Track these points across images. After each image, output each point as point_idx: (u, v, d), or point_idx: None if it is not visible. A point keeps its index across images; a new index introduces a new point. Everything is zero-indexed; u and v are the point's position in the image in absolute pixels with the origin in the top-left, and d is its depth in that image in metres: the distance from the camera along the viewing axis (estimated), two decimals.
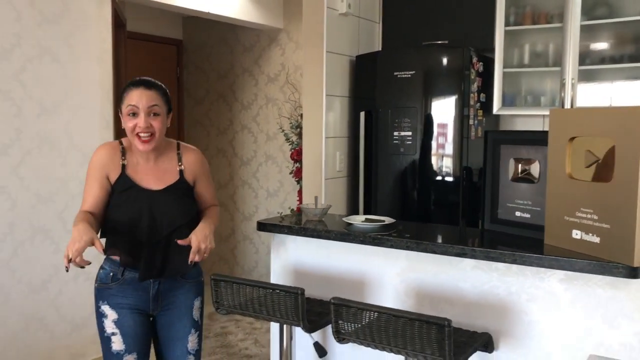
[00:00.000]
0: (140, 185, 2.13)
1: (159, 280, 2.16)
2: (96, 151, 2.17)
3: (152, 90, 2.13)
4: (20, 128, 3.25)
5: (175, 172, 2.21)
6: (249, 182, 5.42)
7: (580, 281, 1.99)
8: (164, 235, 2.11)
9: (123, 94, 2.14)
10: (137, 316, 2.16)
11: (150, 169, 2.18)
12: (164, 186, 2.16)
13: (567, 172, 2.01)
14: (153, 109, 2.11)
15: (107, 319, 2.14)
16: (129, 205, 2.11)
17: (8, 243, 3.23)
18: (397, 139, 3.68)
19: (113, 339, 2.14)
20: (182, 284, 2.22)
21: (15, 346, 3.28)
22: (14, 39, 3.19)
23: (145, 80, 2.16)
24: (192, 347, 2.24)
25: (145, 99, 2.10)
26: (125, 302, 2.14)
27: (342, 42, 3.79)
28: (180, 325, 2.22)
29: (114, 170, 2.13)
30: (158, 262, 2.11)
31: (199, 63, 5.65)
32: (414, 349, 1.84)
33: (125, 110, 2.10)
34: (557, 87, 3.51)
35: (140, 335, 2.17)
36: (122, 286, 2.14)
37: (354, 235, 2.34)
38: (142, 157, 2.17)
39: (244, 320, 4.58)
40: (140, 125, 2.08)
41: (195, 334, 2.25)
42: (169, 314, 2.22)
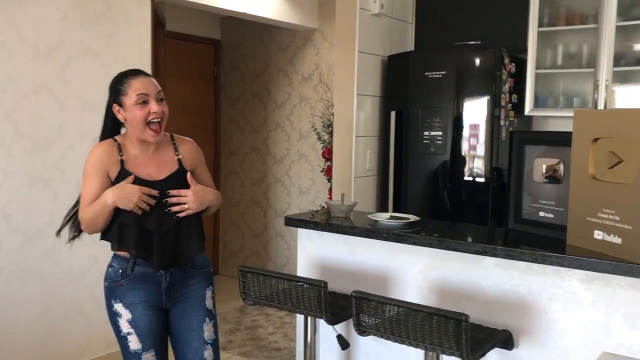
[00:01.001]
0: (142, 177, 2.13)
1: (170, 272, 2.17)
2: (92, 151, 2.16)
3: (151, 77, 2.17)
4: (63, 123, 3.40)
5: (174, 162, 2.22)
6: (281, 179, 5.51)
7: (601, 281, 2.00)
8: (172, 223, 2.13)
9: (121, 86, 2.11)
10: (151, 312, 2.17)
11: (149, 161, 2.18)
12: (164, 176, 2.17)
13: (590, 172, 2.02)
14: (160, 94, 2.15)
15: (122, 318, 2.16)
16: None
17: (50, 233, 3.38)
18: (427, 139, 3.70)
19: (130, 339, 2.16)
20: (193, 274, 2.24)
21: (55, 332, 3.43)
22: (58, 38, 3.34)
23: (138, 69, 2.18)
24: (208, 337, 2.24)
25: (152, 85, 2.13)
26: (138, 298, 2.15)
27: (374, 43, 3.84)
28: (193, 314, 2.22)
29: (113, 167, 2.13)
30: (170, 250, 2.13)
31: (235, 62, 5.77)
32: (432, 342, 1.88)
33: (135, 99, 2.09)
34: (591, 89, 3.49)
35: (156, 331, 2.19)
36: (133, 282, 2.15)
37: (378, 232, 2.39)
38: (140, 150, 2.17)
39: (274, 315, 4.67)
40: (155, 110, 2.09)
41: (211, 323, 2.26)
42: (182, 306, 2.22)
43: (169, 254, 2.14)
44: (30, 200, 3.28)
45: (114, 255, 2.20)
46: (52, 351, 3.41)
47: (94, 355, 3.62)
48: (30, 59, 3.23)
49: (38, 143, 3.30)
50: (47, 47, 3.30)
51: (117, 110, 2.14)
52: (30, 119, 3.26)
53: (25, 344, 3.29)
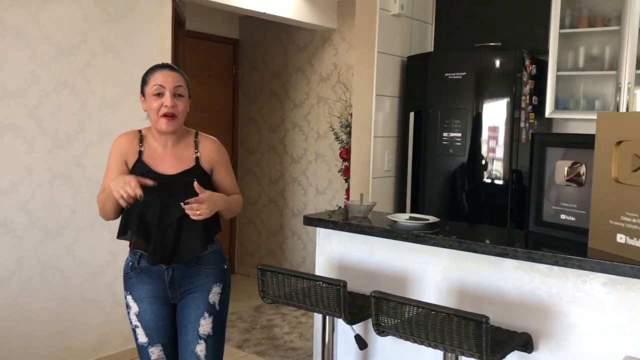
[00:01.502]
0: (156, 170, 2.16)
1: (172, 267, 2.17)
2: (116, 139, 2.24)
3: (176, 72, 2.20)
4: (83, 121, 3.44)
5: (191, 159, 2.22)
6: (298, 179, 5.52)
7: (623, 285, 1.98)
8: (175, 218, 2.12)
9: (146, 77, 2.20)
10: (157, 307, 2.20)
11: (167, 155, 2.21)
12: (178, 171, 2.19)
13: (613, 176, 2.00)
14: (178, 89, 2.17)
15: (131, 310, 2.22)
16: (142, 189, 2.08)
17: (70, 229, 3.42)
18: (446, 140, 3.69)
19: (137, 332, 2.22)
20: (199, 270, 2.22)
21: (74, 327, 3.47)
22: (80, 36, 3.38)
23: (169, 64, 2.24)
24: (203, 332, 2.19)
25: (171, 79, 2.16)
26: (144, 291, 2.19)
27: (394, 43, 3.83)
28: (193, 307, 2.20)
29: (131, 156, 2.19)
30: (169, 245, 2.12)
31: (254, 62, 5.79)
32: (451, 344, 1.88)
33: (151, 90, 2.15)
34: (613, 92, 3.46)
35: (162, 326, 2.21)
36: (140, 275, 2.19)
37: (397, 232, 2.39)
38: (160, 143, 2.21)
39: (290, 314, 4.68)
40: (167, 103, 2.12)
41: (210, 319, 2.21)
42: (185, 299, 2.22)
43: (168, 250, 2.13)
44: (51, 197, 3.32)
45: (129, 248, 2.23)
46: (70, 346, 3.45)
47: (112, 351, 3.66)
48: (53, 57, 3.27)
49: (59, 140, 3.34)
50: (70, 45, 3.34)
51: (142, 100, 2.22)
52: (52, 116, 3.29)
53: (44, 339, 3.33)
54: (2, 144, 3.12)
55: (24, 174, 3.21)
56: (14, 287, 3.21)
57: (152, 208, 2.11)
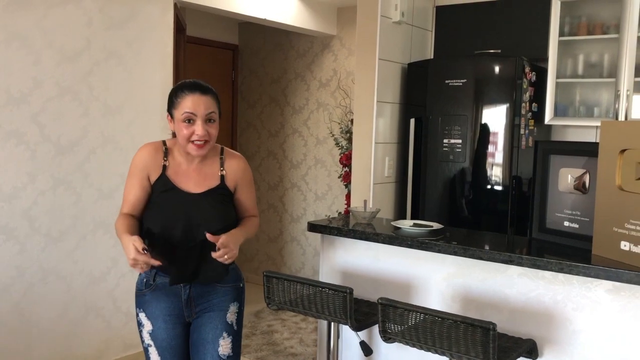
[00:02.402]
0: (180, 187, 2.09)
1: (189, 285, 2.11)
2: (139, 150, 2.14)
3: (208, 95, 2.06)
4: (86, 127, 3.44)
5: (217, 177, 2.15)
6: (298, 184, 5.53)
7: (627, 292, 2.00)
8: (199, 240, 2.04)
9: (175, 98, 2.06)
10: (171, 327, 2.13)
11: (191, 172, 2.13)
12: (203, 190, 2.11)
13: (617, 183, 2.02)
14: (210, 115, 2.06)
15: (144, 328, 2.15)
16: (165, 207, 2.08)
17: (72, 235, 3.42)
18: (446, 147, 3.71)
19: (150, 350, 2.15)
20: (216, 289, 2.15)
21: (75, 334, 3.46)
22: (84, 42, 3.39)
23: (199, 84, 2.08)
24: (223, 352, 2.13)
25: (203, 105, 2.03)
26: (159, 309, 2.12)
27: (395, 50, 3.86)
28: (210, 326, 2.13)
29: (154, 171, 2.10)
30: (191, 267, 2.07)
31: (254, 67, 5.81)
32: (458, 350, 1.89)
33: (181, 116, 2.03)
34: (612, 99, 3.49)
35: (176, 347, 2.15)
36: (155, 292, 2.12)
37: (402, 239, 2.40)
38: (185, 159, 2.13)
39: (290, 320, 4.68)
40: (199, 133, 2.02)
41: (229, 339, 2.15)
42: (202, 317, 2.15)
43: (190, 270, 2.08)
44: (53, 203, 3.32)
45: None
46: (71, 352, 3.45)
47: (113, 357, 3.65)
48: (56, 63, 3.27)
49: (62, 146, 3.34)
50: (73, 51, 3.35)
51: (169, 120, 2.11)
52: (55, 122, 3.30)
53: (45, 344, 3.33)
54: (6, 150, 3.12)
55: (26, 180, 3.21)
56: (15, 293, 3.21)
57: (176, 228, 2.05)
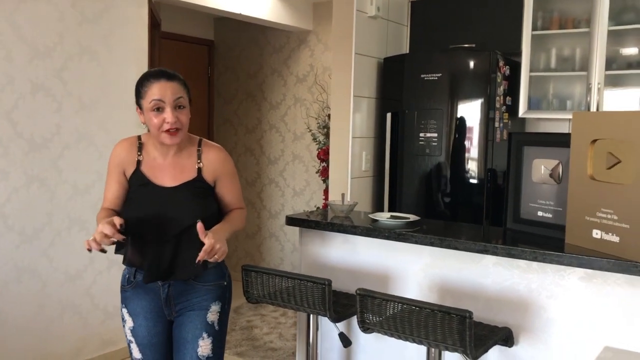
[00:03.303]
0: (154, 182, 2.04)
1: (168, 283, 2.06)
2: (114, 147, 2.11)
3: (174, 81, 2.00)
4: (60, 123, 3.40)
5: (193, 170, 2.08)
6: (275, 180, 5.53)
7: (599, 279, 2.05)
8: (172, 234, 1.99)
9: (142, 88, 1.99)
10: (152, 324, 2.10)
11: (167, 166, 2.07)
12: (178, 183, 2.05)
13: (588, 173, 2.07)
14: (179, 101, 1.99)
15: (126, 324, 2.12)
16: (139, 202, 2.04)
17: (47, 232, 3.38)
18: (422, 141, 3.74)
19: (132, 347, 2.13)
20: (197, 287, 2.08)
21: (51, 332, 3.42)
22: (56, 37, 3.34)
23: (164, 71, 2.01)
24: (202, 353, 2.07)
25: (170, 91, 1.97)
26: (140, 307, 2.09)
27: (371, 45, 3.88)
28: (190, 326, 2.08)
29: (129, 166, 2.07)
30: (165, 263, 2.00)
31: (229, 63, 5.78)
32: (436, 339, 1.92)
33: (149, 105, 1.96)
34: (584, 92, 3.55)
35: (157, 344, 2.11)
36: (136, 289, 2.09)
37: (380, 231, 2.42)
38: (160, 153, 2.08)
39: (269, 315, 4.68)
40: (169, 120, 1.95)
41: (209, 340, 2.08)
42: (183, 316, 2.10)
43: (164, 268, 2.01)
44: (27, 200, 3.27)
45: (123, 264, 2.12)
46: (48, 351, 3.40)
47: (90, 355, 3.62)
48: (28, 59, 3.23)
49: (35, 143, 3.29)
50: (45, 46, 3.30)
51: (138, 112, 2.05)
52: (28, 119, 3.25)
53: (21, 344, 3.28)
54: None
55: None
56: None
57: (149, 224, 1.99)
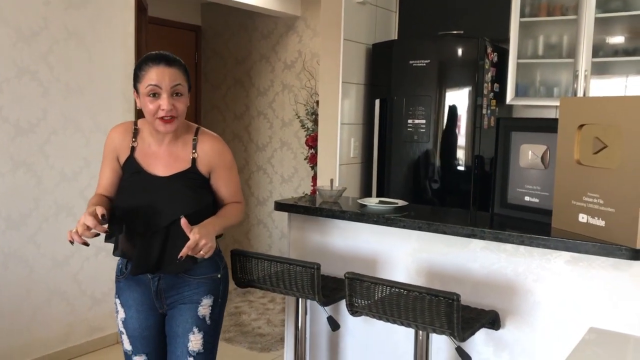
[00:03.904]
0: (147, 170, 1.98)
1: (158, 276, 2.00)
2: (109, 133, 2.06)
3: (174, 67, 1.92)
4: (46, 108, 3.37)
5: (187, 160, 2.01)
6: (264, 167, 5.52)
7: (585, 262, 2.07)
8: (162, 226, 1.92)
9: (140, 71, 1.93)
10: (143, 316, 2.05)
11: (161, 154, 2.00)
12: (171, 173, 1.98)
13: (575, 158, 2.09)
14: (176, 88, 1.92)
15: (118, 315, 2.09)
16: (130, 191, 1.97)
17: (34, 218, 3.36)
18: (411, 127, 3.75)
19: (123, 337, 2.09)
20: (188, 281, 2.02)
21: (39, 318, 3.41)
22: (42, 22, 3.30)
23: (164, 55, 1.94)
24: (193, 348, 2.01)
25: (169, 77, 1.89)
26: (132, 298, 2.05)
27: (359, 31, 3.87)
28: (180, 320, 2.02)
29: (123, 152, 2.01)
30: (154, 255, 1.93)
31: (217, 49, 5.75)
32: (424, 322, 1.94)
33: (145, 90, 1.90)
34: (570, 79, 3.57)
35: (147, 337, 2.06)
36: (128, 281, 2.04)
37: (368, 216, 2.43)
38: (156, 140, 2.01)
39: (257, 301, 4.70)
40: (164, 107, 1.89)
41: (199, 334, 2.02)
42: (174, 310, 2.04)
43: (153, 260, 1.94)
44: (13, 185, 3.25)
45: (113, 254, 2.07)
46: (35, 337, 3.39)
47: (78, 341, 3.61)
48: (13, 43, 3.19)
49: (21, 127, 3.26)
50: (31, 30, 3.26)
51: (135, 96, 1.98)
52: (14, 103, 3.22)
53: (8, 330, 3.27)
54: None
55: None
56: None
57: (139, 213, 1.93)
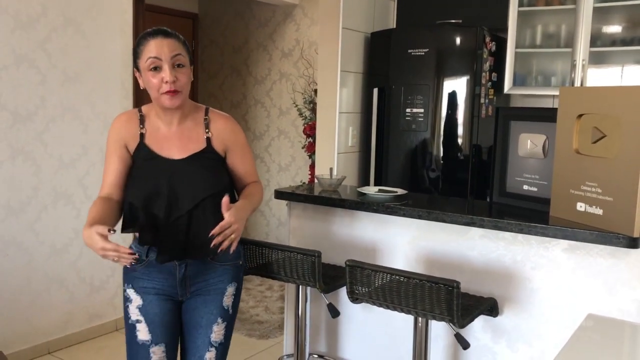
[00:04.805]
0: (161, 154, 1.90)
1: (185, 262, 1.93)
2: (113, 122, 1.96)
3: (172, 38, 1.85)
4: (44, 96, 3.36)
5: (202, 140, 1.94)
6: (261, 156, 5.53)
7: (582, 251, 2.10)
8: (185, 210, 1.86)
9: (139, 47, 1.85)
10: (164, 303, 1.94)
11: (172, 136, 1.93)
12: (187, 155, 1.91)
13: (574, 147, 2.10)
14: (177, 59, 1.84)
15: (132, 304, 1.94)
16: (146, 178, 1.89)
17: (33, 206, 3.36)
18: (409, 116, 3.76)
19: (138, 327, 1.93)
20: (215, 267, 1.97)
21: (38, 306, 3.42)
22: (39, 8, 3.28)
23: (162, 28, 1.87)
24: (215, 339, 1.98)
25: (167, 48, 1.82)
26: (151, 286, 1.93)
27: (358, 19, 3.86)
28: (205, 310, 1.97)
29: (132, 140, 1.92)
30: (179, 242, 1.87)
31: (214, 37, 5.73)
32: (424, 309, 1.96)
33: (145, 64, 1.82)
34: (568, 68, 3.58)
35: (168, 324, 1.95)
36: (148, 268, 1.93)
37: (368, 204, 2.45)
38: (164, 122, 1.93)
39: (255, 289, 4.72)
40: (167, 78, 1.81)
41: (222, 325, 1.99)
42: (196, 299, 1.98)
43: (179, 245, 1.88)
44: (12, 173, 3.25)
45: (134, 237, 1.99)
46: (34, 324, 3.41)
47: (77, 329, 3.63)
48: (11, 30, 3.17)
49: (20, 115, 3.26)
50: (29, 17, 3.25)
51: (137, 75, 1.90)
52: (12, 91, 3.21)
53: (8, 318, 3.28)
54: None
55: None
56: None
57: (159, 199, 1.85)
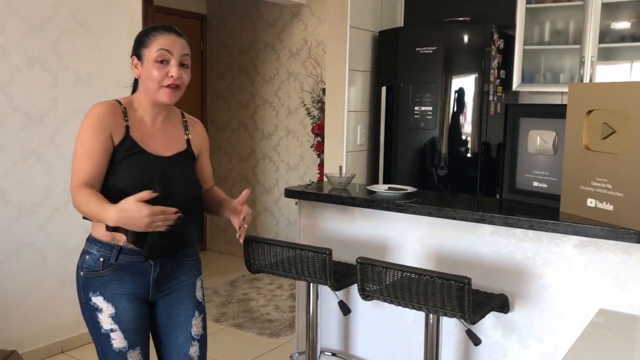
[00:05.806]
0: (147, 150, 1.86)
1: (160, 262, 1.90)
2: (92, 109, 1.82)
3: (183, 39, 1.88)
4: (56, 97, 3.39)
5: (182, 141, 1.98)
6: (269, 155, 5.55)
7: (593, 247, 2.10)
8: (178, 207, 1.78)
9: (147, 37, 1.83)
10: (136, 306, 1.90)
11: (156, 132, 1.91)
12: (172, 153, 1.92)
13: (584, 143, 2.11)
14: (185, 58, 1.86)
15: (103, 313, 1.85)
16: (137, 173, 1.82)
17: (45, 207, 3.39)
18: (417, 114, 3.77)
19: (113, 336, 1.86)
20: (183, 264, 1.99)
21: (50, 306, 3.45)
22: (50, 11, 3.32)
23: (174, 27, 1.89)
24: (196, 333, 2.01)
25: (180, 46, 1.84)
26: (122, 291, 1.86)
27: (366, 18, 3.87)
28: (182, 308, 1.99)
29: (117, 130, 1.83)
30: (166, 238, 1.82)
31: (222, 37, 5.75)
32: (435, 305, 1.97)
33: (154, 54, 1.80)
34: (577, 65, 3.58)
35: (142, 328, 1.93)
36: (117, 272, 1.85)
37: (378, 202, 2.46)
38: (150, 116, 1.91)
39: (265, 288, 4.74)
40: (174, 74, 1.81)
41: (200, 317, 2.03)
42: (170, 298, 1.98)
43: (167, 241, 1.84)
44: (25, 174, 3.28)
45: (92, 240, 1.87)
46: (48, 324, 3.44)
47: None
48: (22, 32, 3.21)
49: (32, 117, 3.29)
50: (39, 20, 3.28)
51: (135, 64, 1.87)
52: (24, 93, 3.24)
53: (20, 318, 3.32)
54: None
55: None
56: None
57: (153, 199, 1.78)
